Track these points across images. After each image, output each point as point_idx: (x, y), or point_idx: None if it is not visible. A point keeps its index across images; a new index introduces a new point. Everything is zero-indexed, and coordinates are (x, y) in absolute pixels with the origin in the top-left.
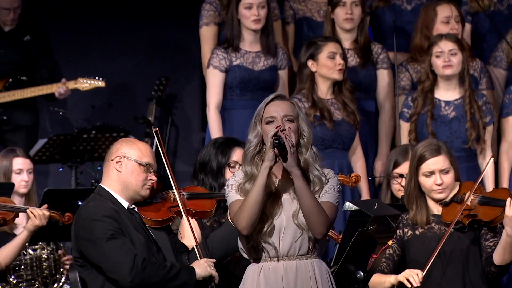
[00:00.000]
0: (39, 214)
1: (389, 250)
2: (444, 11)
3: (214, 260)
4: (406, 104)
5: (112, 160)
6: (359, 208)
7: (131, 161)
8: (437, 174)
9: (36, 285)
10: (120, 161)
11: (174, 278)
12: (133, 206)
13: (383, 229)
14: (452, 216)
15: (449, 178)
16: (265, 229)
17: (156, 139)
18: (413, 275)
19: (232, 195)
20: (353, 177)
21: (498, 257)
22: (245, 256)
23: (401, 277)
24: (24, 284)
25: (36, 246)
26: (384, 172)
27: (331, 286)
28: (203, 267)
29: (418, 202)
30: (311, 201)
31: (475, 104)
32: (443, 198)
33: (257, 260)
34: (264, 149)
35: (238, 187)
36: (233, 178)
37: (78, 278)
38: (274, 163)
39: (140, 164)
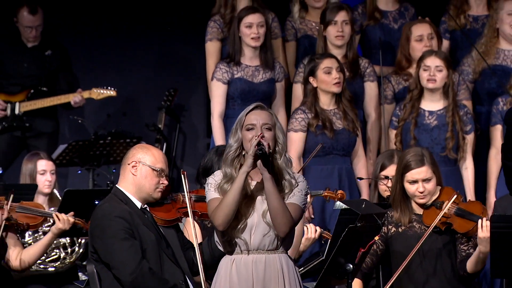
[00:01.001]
0: (63, 219)
1: (374, 246)
2: (417, 30)
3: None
4: (395, 113)
5: (129, 164)
6: (348, 207)
7: (145, 166)
8: (420, 183)
9: (55, 252)
10: (136, 166)
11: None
12: (145, 206)
13: (371, 225)
14: (431, 219)
15: (430, 185)
16: (238, 226)
17: (183, 180)
18: None
19: (211, 193)
20: (339, 194)
21: (471, 267)
22: (220, 248)
23: None
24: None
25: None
26: (372, 174)
27: (296, 278)
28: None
29: (402, 204)
30: (277, 202)
31: (457, 116)
32: (424, 203)
33: (230, 252)
34: (243, 153)
35: (217, 186)
36: (213, 177)
37: (95, 270)
38: (252, 168)
39: (153, 170)
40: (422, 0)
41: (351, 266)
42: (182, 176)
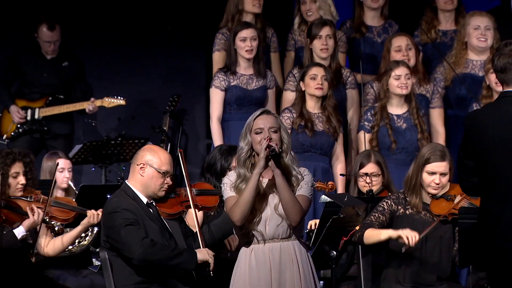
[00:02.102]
0: (93, 214)
1: (379, 215)
2: (396, 42)
3: (213, 253)
4: (366, 118)
5: (138, 165)
6: (332, 200)
7: (152, 169)
8: (437, 175)
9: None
10: (144, 168)
11: (177, 256)
12: (151, 201)
13: (352, 216)
14: (440, 209)
15: (445, 179)
16: (254, 219)
17: (180, 158)
18: (412, 236)
19: (227, 192)
20: (330, 185)
21: None
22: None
23: (401, 233)
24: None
25: None
26: (352, 171)
27: (308, 263)
28: (203, 253)
29: (416, 190)
30: (288, 195)
31: (420, 118)
32: (436, 193)
33: (248, 243)
34: (253, 154)
35: (232, 186)
36: (228, 177)
37: (107, 257)
38: (264, 169)
39: (159, 172)
40: (406, 17)
41: (335, 252)
42: (179, 154)
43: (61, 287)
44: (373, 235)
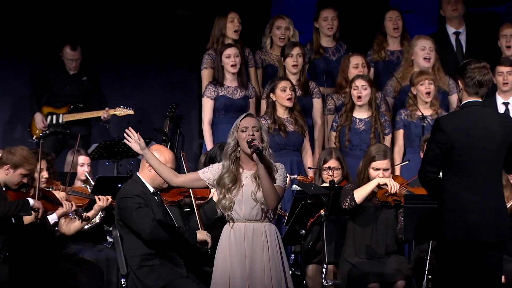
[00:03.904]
0: (103, 199)
1: (350, 185)
2: (354, 60)
3: (210, 236)
4: (335, 120)
5: (147, 162)
6: (302, 189)
7: None
8: (381, 171)
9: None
10: None
11: (179, 234)
12: (157, 191)
13: (317, 202)
14: (385, 197)
15: (388, 173)
16: (234, 203)
17: (182, 160)
18: (394, 185)
19: (202, 170)
20: (309, 178)
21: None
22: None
23: (387, 180)
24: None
25: None
26: (317, 165)
27: (277, 242)
28: (203, 234)
29: (365, 182)
30: (269, 184)
31: (379, 122)
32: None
33: (231, 221)
34: (238, 149)
35: (212, 172)
36: (214, 166)
37: (118, 234)
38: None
39: None
40: (353, 38)
41: (303, 231)
42: (182, 157)
43: (81, 259)
44: (362, 191)
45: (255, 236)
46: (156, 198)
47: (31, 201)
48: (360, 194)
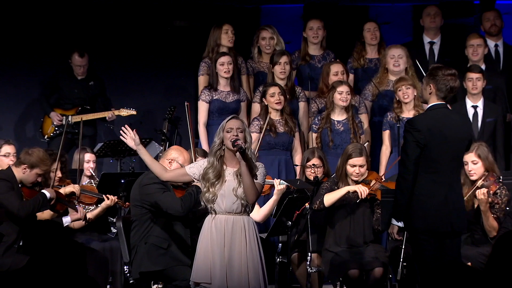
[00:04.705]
0: (111, 198)
1: (326, 184)
2: (334, 68)
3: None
4: (314, 122)
5: (167, 159)
6: (288, 184)
7: (177, 164)
8: (357, 167)
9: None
10: (171, 162)
11: (196, 198)
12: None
13: (302, 196)
14: None
15: (364, 169)
16: (217, 196)
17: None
18: (363, 190)
19: (190, 165)
20: (284, 186)
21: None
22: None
23: (356, 187)
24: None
25: None
26: (301, 163)
27: (254, 233)
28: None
29: (343, 178)
30: (249, 181)
31: (355, 123)
32: (357, 180)
33: (213, 212)
34: (223, 148)
35: (199, 168)
36: (198, 163)
37: (121, 226)
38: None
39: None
40: (341, 48)
41: (290, 222)
42: (186, 107)
43: (88, 248)
44: (332, 196)
45: (234, 227)
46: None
47: (47, 193)
48: (329, 198)
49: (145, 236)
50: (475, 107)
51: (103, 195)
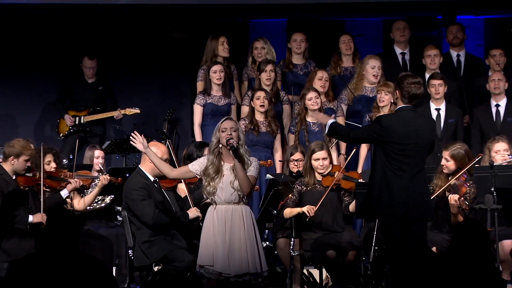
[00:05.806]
0: (104, 177)
1: (292, 197)
2: (319, 74)
3: (199, 211)
4: (292, 124)
5: (149, 158)
6: (274, 178)
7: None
8: (320, 160)
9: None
10: None
11: (175, 218)
12: (156, 179)
13: (286, 188)
14: (328, 183)
15: (327, 162)
16: (217, 189)
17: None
18: (310, 209)
19: (193, 163)
20: (268, 162)
21: (352, 209)
22: (209, 200)
23: (304, 209)
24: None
25: None
26: (285, 158)
27: (251, 220)
28: (192, 211)
29: (310, 173)
30: (243, 175)
31: None
32: (323, 173)
33: (214, 203)
34: (220, 146)
35: (200, 165)
36: (201, 159)
37: (126, 215)
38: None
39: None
40: (320, 57)
41: (275, 211)
42: (169, 144)
43: (96, 233)
44: (289, 212)
45: (233, 216)
46: (156, 185)
47: (30, 217)
48: (287, 214)
49: (142, 234)
50: (438, 109)
51: (98, 176)
